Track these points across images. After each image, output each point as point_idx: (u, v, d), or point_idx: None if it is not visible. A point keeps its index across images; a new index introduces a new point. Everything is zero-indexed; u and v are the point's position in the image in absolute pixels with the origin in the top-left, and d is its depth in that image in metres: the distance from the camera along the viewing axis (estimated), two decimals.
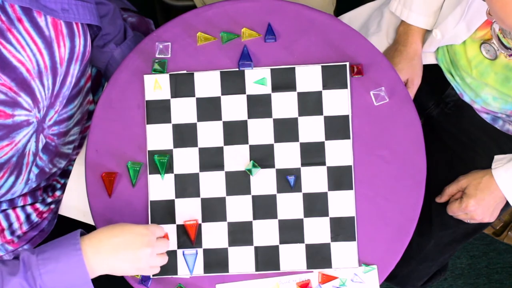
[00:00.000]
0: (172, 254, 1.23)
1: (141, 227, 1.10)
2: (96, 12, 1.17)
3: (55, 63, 1.11)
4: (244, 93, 1.25)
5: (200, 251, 1.23)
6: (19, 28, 1.05)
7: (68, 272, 1.03)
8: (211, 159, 1.24)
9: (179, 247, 1.23)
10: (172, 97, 1.25)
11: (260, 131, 1.24)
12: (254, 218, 1.23)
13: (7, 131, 1.07)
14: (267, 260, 1.23)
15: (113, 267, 1.08)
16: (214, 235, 1.23)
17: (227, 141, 1.24)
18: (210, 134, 1.24)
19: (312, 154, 1.24)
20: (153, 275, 1.22)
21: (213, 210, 1.24)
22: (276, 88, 1.24)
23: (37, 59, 1.08)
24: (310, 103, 1.24)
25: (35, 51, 1.07)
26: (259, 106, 1.24)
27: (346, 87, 1.24)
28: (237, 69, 1.25)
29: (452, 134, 1.46)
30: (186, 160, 1.24)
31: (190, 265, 1.23)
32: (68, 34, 1.12)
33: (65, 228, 1.39)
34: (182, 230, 1.23)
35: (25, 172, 1.19)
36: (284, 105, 1.24)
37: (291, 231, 1.23)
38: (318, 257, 1.23)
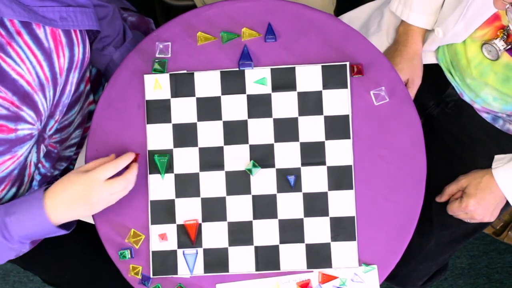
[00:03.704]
0: (172, 254, 1.23)
1: (85, 177, 1.11)
2: (95, 16, 1.16)
3: (55, 74, 1.11)
4: (244, 93, 1.25)
5: (200, 250, 1.23)
6: (18, 41, 1.04)
7: (35, 223, 1.09)
8: (211, 159, 1.24)
9: (179, 247, 1.23)
10: (172, 96, 1.25)
11: (260, 131, 1.24)
12: (254, 217, 1.23)
13: (9, 145, 1.07)
14: (267, 259, 1.23)
15: (71, 215, 1.12)
16: (214, 234, 1.23)
17: (227, 141, 1.24)
18: (210, 134, 1.24)
19: (312, 154, 1.23)
20: (153, 275, 1.23)
21: (213, 209, 1.24)
22: (276, 88, 1.24)
23: (37, 71, 1.07)
24: (310, 103, 1.24)
25: (35, 64, 1.07)
26: (259, 106, 1.24)
27: (346, 87, 1.24)
28: (237, 69, 1.25)
29: (452, 134, 1.46)
30: (186, 160, 1.24)
31: (190, 264, 1.23)
32: (67, 44, 1.11)
33: (65, 227, 1.40)
34: (182, 230, 1.23)
35: (27, 182, 1.20)
36: (284, 105, 1.24)
37: (291, 231, 1.23)
38: (318, 256, 1.23)
